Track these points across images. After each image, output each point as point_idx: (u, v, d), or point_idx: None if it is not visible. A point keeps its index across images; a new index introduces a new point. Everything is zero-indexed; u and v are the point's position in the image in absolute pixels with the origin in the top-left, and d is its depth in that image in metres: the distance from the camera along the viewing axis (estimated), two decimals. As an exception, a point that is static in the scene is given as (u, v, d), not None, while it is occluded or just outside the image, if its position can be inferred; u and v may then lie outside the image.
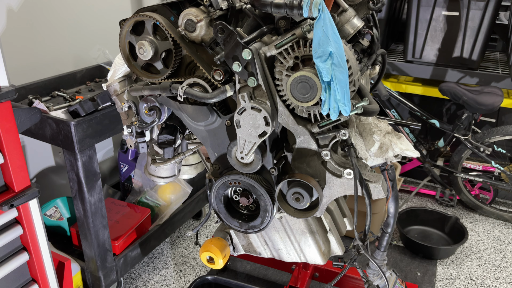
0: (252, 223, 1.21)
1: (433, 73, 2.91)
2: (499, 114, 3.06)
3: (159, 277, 2.47)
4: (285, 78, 0.99)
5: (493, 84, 2.78)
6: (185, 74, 1.17)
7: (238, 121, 1.04)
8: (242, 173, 1.15)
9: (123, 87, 1.28)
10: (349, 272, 2.17)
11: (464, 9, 2.66)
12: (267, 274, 2.51)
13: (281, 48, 0.97)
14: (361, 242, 1.25)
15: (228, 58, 0.99)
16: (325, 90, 0.92)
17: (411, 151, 1.16)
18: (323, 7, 0.86)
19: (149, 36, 1.11)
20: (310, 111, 1.02)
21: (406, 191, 3.28)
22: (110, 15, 2.63)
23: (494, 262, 2.65)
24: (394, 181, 1.29)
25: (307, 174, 1.13)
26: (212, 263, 1.27)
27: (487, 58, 3.14)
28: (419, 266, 2.61)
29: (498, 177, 2.96)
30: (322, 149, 1.07)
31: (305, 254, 1.35)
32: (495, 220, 3.06)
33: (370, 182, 1.10)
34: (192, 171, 1.51)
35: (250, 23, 1.05)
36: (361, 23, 1.14)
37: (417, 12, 2.79)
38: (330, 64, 0.88)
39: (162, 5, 1.11)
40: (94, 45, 2.54)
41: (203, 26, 1.05)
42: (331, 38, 0.87)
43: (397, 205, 1.36)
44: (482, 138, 2.83)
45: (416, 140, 3.09)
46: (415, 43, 2.89)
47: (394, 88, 3.03)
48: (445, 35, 2.79)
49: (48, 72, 2.28)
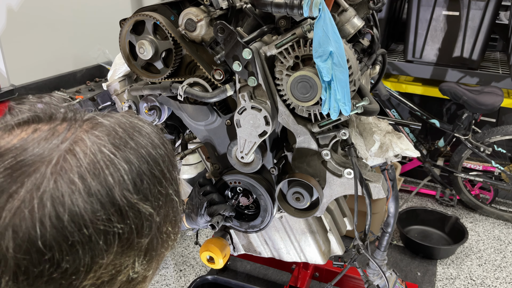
0: (252, 222, 1.21)
1: (433, 73, 2.90)
2: (499, 114, 3.06)
3: (159, 277, 2.47)
4: (285, 77, 0.99)
5: (493, 84, 2.78)
6: (185, 73, 1.17)
7: (238, 120, 1.04)
8: (243, 172, 1.15)
9: (123, 86, 1.28)
10: (349, 272, 2.17)
11: (464, 9, 2.66)
12: (267, 274, 2.51)
13: (281, 47, 0.97)
14: (361, 241, 1.25)
15: (228, 58, 0.99)
16: (325, 89, 0.92)
17: (411, 150, 1.16)
18: (323, 7, 0.86)
19: (149, 35, 1.11)
20: (310, 110, 1.02)
21: (406, 191, 3.28)
22: (110, 14, 2.63)
23: (494, 262, 2.65)
24: (394, 180, 1.29)
25: (308, 173, 1.13)
26: (212, 263, 1.27)
27: (487, 58, 3.14)
28: (419, 266, 2.61)
29: (498, 177, 2.96)
30: (322, 149, 1.07)
31: (305, 253, 1.35)
32: (495, 220, 3.06)
33: (370, 181, 1.10)
34: (192, 171, 1.50)
35: (250, 22, 1.05)
36: (361, 23, 1.14)
37: (417, 12, 2.79)
38: (330, 63, 0.88)
39: (162, 4, 1.11)
40: (94, 45, 2.54)
41: (204, 25, 1.05)
42: (332, 38, 0.87)
43: (397, 205, 1.36)
44: (482, 138, 2.83)
45: (416, 140, 3.09)
46: (415, 43, 2.89)
47: (394, 88, 3.02)
48: (445, 35, 2.79)
49: (48, 72, 2.28)
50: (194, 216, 1.14)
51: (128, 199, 0.45)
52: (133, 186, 0.46)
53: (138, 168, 0.48)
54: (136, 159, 0.48)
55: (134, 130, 0.51)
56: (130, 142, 0.49)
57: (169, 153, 0.54)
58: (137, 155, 0.48)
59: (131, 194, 0.46)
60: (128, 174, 0.46)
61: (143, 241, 0.48)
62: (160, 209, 0.50)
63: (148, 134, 0.52)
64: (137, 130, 0.51)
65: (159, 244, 0.51)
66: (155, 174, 0.50)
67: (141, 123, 0.53)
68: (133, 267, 0.48)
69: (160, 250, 0.52)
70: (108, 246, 0.44)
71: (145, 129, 0.52)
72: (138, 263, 0.49)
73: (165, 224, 0.52)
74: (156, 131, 0.54)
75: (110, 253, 0.44)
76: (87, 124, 0.48)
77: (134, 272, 0.49)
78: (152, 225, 0.48)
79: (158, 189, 0.50)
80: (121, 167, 0.46)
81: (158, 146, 0.52)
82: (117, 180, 0.45)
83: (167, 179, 0.52)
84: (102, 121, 0.49)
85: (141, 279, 0.51)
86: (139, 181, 0.47)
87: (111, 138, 0.47)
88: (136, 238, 0.47)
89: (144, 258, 0.49)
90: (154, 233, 0.49)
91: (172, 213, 0.53)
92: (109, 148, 0.46)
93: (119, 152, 0.47)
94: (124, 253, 0.46)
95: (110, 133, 0.48)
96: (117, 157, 0.46)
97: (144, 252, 0.49)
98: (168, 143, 0.55)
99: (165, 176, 0.51)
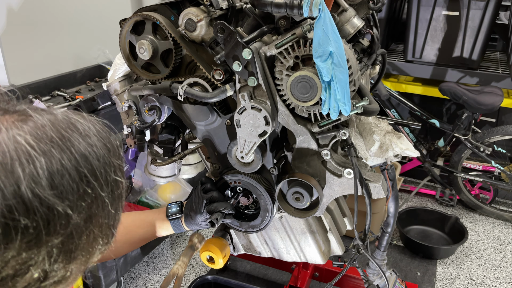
0: (252, 222, 1.21)
1: (433, 73, 2.91)
2: (499, 114, 3.06)
3: (159, 276, 2.47)
4: (285, 77, 0.99)
5: (493, 84, 2.78)
6: (185, 73, 1.17)
7: (238, 120, 1.04)
8: (243, 172, 1.15)
9: (123, 86, 1.28)
10: (349, 272, 2.17)
11: (464, 9, 2.66)
12: (267, 273, 2.51)
13: (281, 47, 0.97)
14: (361, 241, 1.25)
15: (228, 58, 0.99)
16: (325, 89, 0.92)
17: (411, 150, 1.16)
18: (323, 7, 0.86)
19: (149, 35, 1.11)
20: (310, 110, 1.02)
21: (406, 190, 3.28)
22: (110, 14, 2.63)
23: (494, 262, 2.65)
24: (394, 180, 1.29)
25: (307, 173, 1.13)
26: (212, 263, 1.27)
27: (487, 58, 3.14)
28: (419, 265, 2.61)
29: (498, 177, 2.96)
30: (322, 149, 1.07)
31: (305, 253, 1.35)
32: (495, 220, 3.06)
33: (370, 181, 1.10)
34: (192, 171, 1.51)
35: (250, 22, 1.05)
36: (361, 23, 1.14)
37: (417, 12, 2.79)
38: (330, 63, 0.88)
39: (162, 4, 1.11)
40: (94, 45, 2.54)
41: (203, 25, 1.05)
42: (331, 38, 0.87)
43: (397, 205, 1.36)
44: (482, 138, 2.83)
45: (416, 140, 3.09)
46: (415, 43, 2.89)
47: (394, 87, 3.03)
48: (445, 35, 2.79)
49: (48, 72, 2.28)
50: (193, 214, 1.14)
51: (37, 194, 0.43)
52: (48, 181, 0.44)
53: (59, 163, 0.46)
54: (59, 154, 0.46)
55: (69, 127, 0.49)
56: (56, 137, 0.47)
57: (112, 154, 0.52)
58: (62, 150, 0.46)
59: (43, 189, 0.44)
60: (44, 168, 0.44)
61: (54, 239, 0.46)
62: (82, 210, 0.47)
63: (86, 132, 0.50)
64: (74, 127, 0.49)
65: (79, 246, 0.49)
66: (82, 172, 0.47)
67: (82, 121, 0.51)
68: (43, 265, 0.46)
69: (81, 252, 0.50)
70: (7, 240, 0.42)
71: (85, 127, 0.50)
72: (50, 261, 0.47)
73: (88, 226, 0.49)
74: (101, 131, 0.53)
75: (12, 248, 0.43)
76: (15, 115, 0.47)
77: (45, 270, 0.47)
78: (68, 224, 0.46)
79: (84, 188, 0.48)
80: (37, 160, 0.44)
81: (94, 145, 0.50)
82: (27, 172, 0.43)
83: (99, 180, 0.49)
84: (32, 114, 0.48)
85: (58, 280, 0.49)
86: (58, 177, 0.45)
87: (33, 130, 0.45)
88: (45, 236, 0.45)
89: (58, 257, 0.47)
90: (71, 233, 0.47)
91: (102, 216, 0.51)
92: (27, 140, 0.44)
93: (38, 144, 0.45)
94: (30, 249, 0.44)
95: (36, 126, 0.46)
96: (35, 149, 0.44)
97: (58, 250, 0.47)
98: (113, 144, 0.53)
99: (96, 176, 0.49)
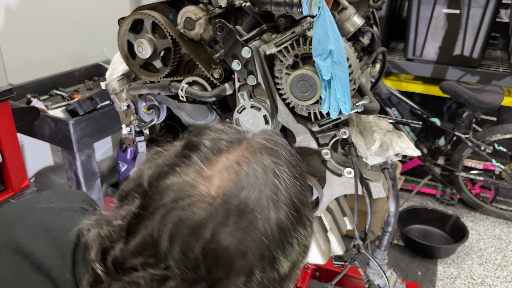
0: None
1: (434, 71, 2.90)
2: (500, 113, 3.05)
3: (159, 276, 2.46)
4: (285, 76, 0.98)
5: (494, 82, 2.77)
6: (184, 72, 1.16)
7: (238, 119, 1.03)
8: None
9: (122, 85, 1.27)
10: (350, 272, 2.17)
11: (464, 7, 2.65)
12: (267, 273, 2.50)
13: (280, 46, 0.96)
14: (361, 241, 1.24)
15: (227, 56, 0.99)
16: (325, 88, 0.92)
17: (411, 149, 1.15)
18: (323, 5, 0.85)
19: (148, 34, 1.10)
20: (310, 109, 1.01)
21: (406, 190, 3.27)
22: (109, 13, 2.62)
23: (495, 261, 2.65)
24: (394, 180, 1.28)
25: (307, 173, 1.12)
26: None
27: (488, 56, 3.13)
28: (419, 265, 2.60)
29: (499, 175, 2.95)
30: (322, 148, 1.07)
31: (305, 253, 1.35)
32: (496, 219, 3.06)
33: (371, 181, 1.09)
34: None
35: (249, 21, 1.04)
36: (361, 21, 1.13)
37: (417, 10, 2.78)
38: (330, 62, 0.88)
39: (161, 3, 1.10)
40: (93, 44, 2.54)
41: (202, 24, 1.04)
42: (331, 36, 0.86)
43: (398, 204, 1.35)
44: (483, 137, 2.82)
45: (417, 139, 3.09)
46: (416, 41, 2.88)
47: (394, 86, 3.02)
48: (446, 33, 2.78)
49: (46, 71, 2.27)
50: None
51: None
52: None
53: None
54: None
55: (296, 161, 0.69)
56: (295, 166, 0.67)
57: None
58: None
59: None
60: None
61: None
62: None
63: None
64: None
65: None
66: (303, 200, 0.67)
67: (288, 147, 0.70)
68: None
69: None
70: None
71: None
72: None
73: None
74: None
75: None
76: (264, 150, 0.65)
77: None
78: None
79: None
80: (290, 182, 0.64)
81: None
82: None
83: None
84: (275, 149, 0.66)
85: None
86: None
87: (289, 165, 0.66)
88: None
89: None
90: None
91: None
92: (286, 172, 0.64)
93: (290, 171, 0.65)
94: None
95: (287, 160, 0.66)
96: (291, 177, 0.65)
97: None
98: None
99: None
